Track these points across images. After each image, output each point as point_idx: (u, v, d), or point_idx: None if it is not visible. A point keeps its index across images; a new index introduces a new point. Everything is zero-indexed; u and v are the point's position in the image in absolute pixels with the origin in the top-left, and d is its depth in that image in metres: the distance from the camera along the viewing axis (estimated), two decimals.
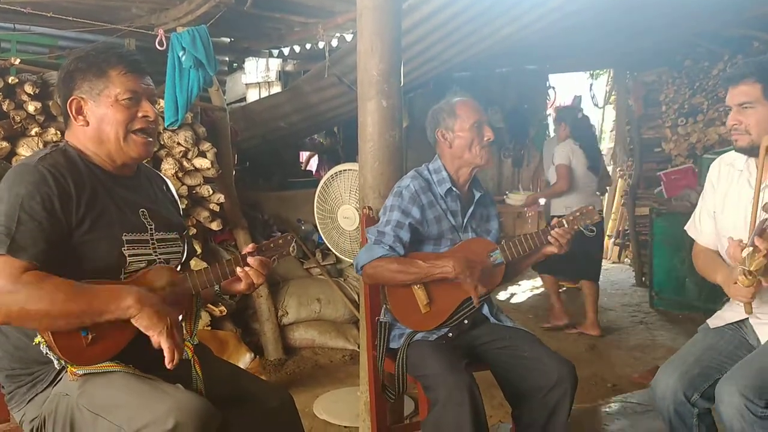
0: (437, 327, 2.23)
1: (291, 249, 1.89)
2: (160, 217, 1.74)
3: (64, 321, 1.45)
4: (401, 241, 2.22)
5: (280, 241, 1.87)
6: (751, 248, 1.74)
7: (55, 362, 1.53)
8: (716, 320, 2.14)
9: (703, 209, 2.24)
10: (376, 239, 2.24)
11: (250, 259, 1.76)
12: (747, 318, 2.06)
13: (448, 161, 2.34)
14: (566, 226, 2.23)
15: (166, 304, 1.56)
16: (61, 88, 1.67)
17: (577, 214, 2.27)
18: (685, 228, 2.32)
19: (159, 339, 1.50)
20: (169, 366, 1.50)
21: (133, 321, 1.50)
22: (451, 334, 2.24)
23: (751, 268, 1.74)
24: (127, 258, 1.61)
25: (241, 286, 1.80)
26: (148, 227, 1.69)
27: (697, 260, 2.25)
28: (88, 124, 1.64)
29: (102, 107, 1.62)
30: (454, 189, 2.32)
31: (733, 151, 2.12)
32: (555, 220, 2.26)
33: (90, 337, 1.50)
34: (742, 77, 2.00)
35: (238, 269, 1.75)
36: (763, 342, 2.00)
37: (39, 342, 1.50)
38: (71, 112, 1.64)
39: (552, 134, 6.47)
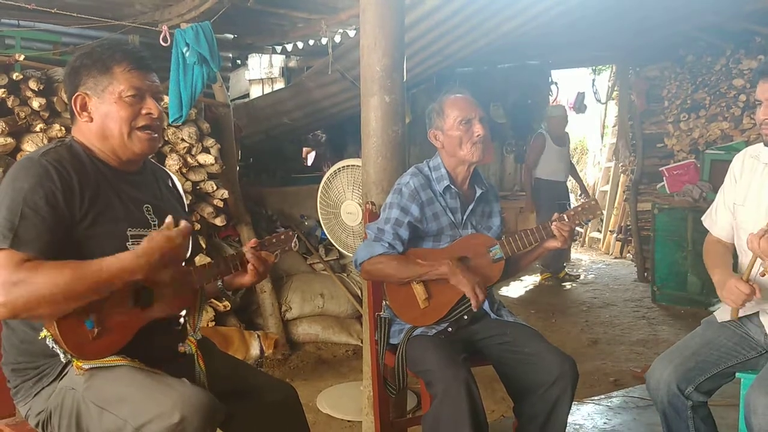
0: (436, 322, 2.24)
1: (293, 244, 1.90)
2: (164, 214, 1.73)
3: (73, 301, 1.43)
4: (400, 239, 2.23)
5: (282, 237, 1.88)
6: None
7: (61, 356, 1.53)
8: (724, 314, 2.14)
9: (720, 201, 2.22)
10: (376, 236, 2.25)
11: (252, 254, 1.77)
12: (756, 313, 2.06)
13: (445, 159, 2.35)
14: (567, 220, 2.24)
15: (168, 252, 1.54)
16: (66, 83, 1.67)
17: (579, 209, 2.27)
18: (702, 219, 2.32)
19: (163, 276, 1.56)
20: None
21: None
22: (450, 329, 2.25)
23: None
24: None
25: (244, 280, 1.81)
26: (152, 223, 1.69)
27: (706, 251, 2.25)
28: (92, 120, 1.64)
29: (106, 104, 1.63)
30: (452, 186, 2.32)
31: (762, 144, 2.09)
32: (556, 215, 2.25)
33: (96, 330, 1.51)
34: None
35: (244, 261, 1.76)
36: None
37: (45, 336, 1.51)
38: (75, 108, 1.64)
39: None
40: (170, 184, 1.91)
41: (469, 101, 2.30)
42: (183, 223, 1.58)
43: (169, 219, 1.58)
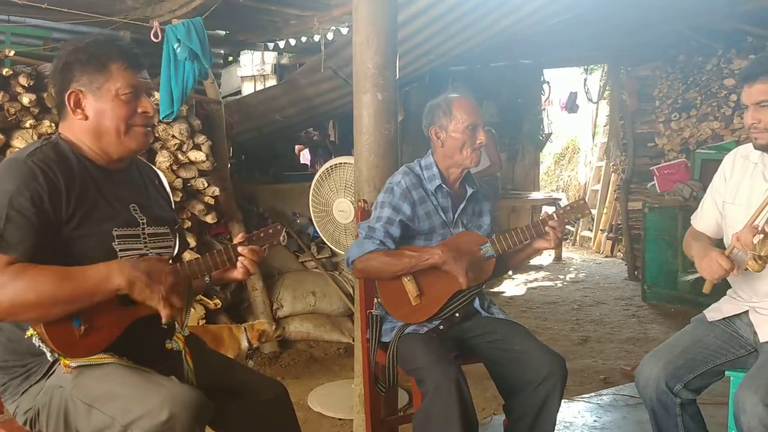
0: (428, 320, 2.24)
1: (281, 238, 1.89)
2: (151, 212, 1.73)
3: (56, 308, 1.44)
4: (391, 237, 2.23)
5: (270, 231, 1.86)
6: (761, 235, 1.80)
7: (48, 354, 1.53)
8: (714, 313, 2.16)
9: (708, 197, 2.24)
10: (367, 234, 2.25)
11: (240, 248, 1.76)
12: (746, 311, 2.08)
13: (439, 158, 2.35)
14: (556, 219, 2.25)
15: (157, 266, 1.55)
16: (57, 78, 1.64)
17: (568, 208, 2.29)
18: (691, 218, 2.33)
19: (156, 308, 1.53)
20: (164, 318, 1.55)
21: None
22: (442, 327, 2.25)
23: (762, 253, 1.79)
24: (118, 253, 1.60)
25: (233, 276, 1.79)
26: (140, 222, 1.68)
27: (686, 238, 2.27)
28: (87, 117, 1.62)
29: (102, 102, 1.61)
30: (444, 186, 2.33)
31: (751, 145, 2.11)
32: (545, 214, 2.28)
33: (82, 328, 1.50)
34: (759, 75, 1.98)
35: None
36: (761, 337, 2.01)
37: (31, 335, 1.50)
38: (69, 105, 1.62)
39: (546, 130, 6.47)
40: (157, 182, 1.89)
41: (476, 106, 2.33)
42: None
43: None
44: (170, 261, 1.76)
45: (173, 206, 1.96)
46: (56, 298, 1.43)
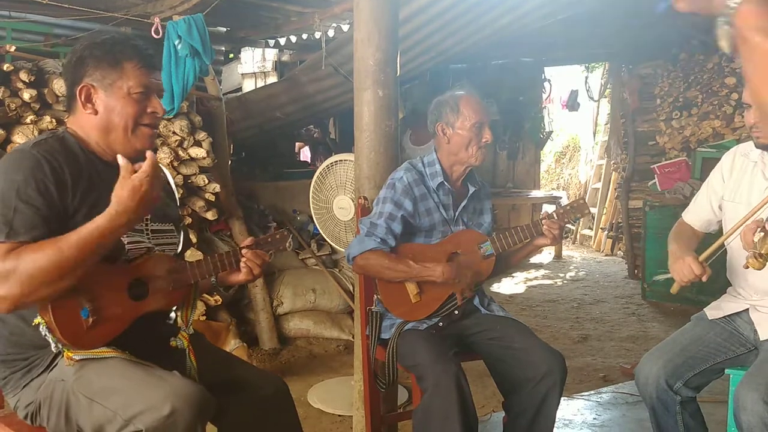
0: (427, 317, 2.25)
1: (288, 244, 1.91)
2: (156, 208, 1.73)
3: (67, 274, 1.42)
4: (393, 233, 2.24)
5: (278, 236, 1.89)
6: (762, 233, 1.79)
7: (53, 345, 1.52)
8: (715, 311, 2.16)
9: (703, 193, 2.26)
10: (368, 231, 2.26)
11: (245, 251, 1.78)
12: (746, 309, 2.08)
13: (443, 156, 2.35)
14: (556, 218, 2.26)
15: (141, 193, 1.49)
16: (69, 72, 1.65)
17: (568, 207, 2.29)
18: (683, 212, 2.33)
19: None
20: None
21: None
22: (441, 323, 2.26)
23: (762, 251, 1.78)
24: (126, 245, 1.61)
25: (238, 278, 1.81)
26: (144, 217, 1.69)
27: (672, 231, 2.30)
28: (96, 113, 1.63)
29: (113, 98, 1.62)
30: (446, 183, 2.33)
31: (752, 142, 2.12)
32: (545, 213, 2.29)
33: (90, 320, 1.50)
34: None
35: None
36: (761, 335, 2.02)
37: (39, 323, 1.49)
38: (80, 99, 1.62)
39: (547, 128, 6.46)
40: (163, 180, 1.90)
41: (483, 104, 2.34)
42: (148, 154, 1.52)
43: (122, 161, 1.49)
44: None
45: (177, 202, 1.97)
46: (62, 262, 1.41)
